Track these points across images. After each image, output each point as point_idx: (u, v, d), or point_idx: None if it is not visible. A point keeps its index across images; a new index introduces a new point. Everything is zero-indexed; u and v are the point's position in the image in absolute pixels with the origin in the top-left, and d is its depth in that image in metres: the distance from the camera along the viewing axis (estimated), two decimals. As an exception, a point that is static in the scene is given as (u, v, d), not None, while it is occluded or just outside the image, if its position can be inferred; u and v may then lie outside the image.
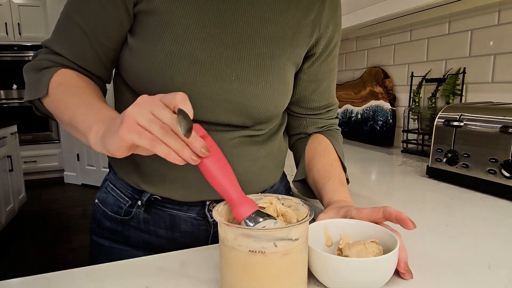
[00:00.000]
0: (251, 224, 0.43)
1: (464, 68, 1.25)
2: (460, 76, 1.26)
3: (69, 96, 0.55)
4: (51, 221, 3.34)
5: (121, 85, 0.66)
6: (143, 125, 0.41)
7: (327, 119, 0.79)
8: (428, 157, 1.03)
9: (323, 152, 0.73)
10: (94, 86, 0.61)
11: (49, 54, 0.60)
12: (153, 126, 0.41)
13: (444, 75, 1.33)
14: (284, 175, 0.82)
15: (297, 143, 0.81)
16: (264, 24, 0.61)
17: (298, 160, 0.79)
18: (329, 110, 0.78)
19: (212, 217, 0.67)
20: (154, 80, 0.57)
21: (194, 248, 0.58)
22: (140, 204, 0.66)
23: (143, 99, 0.42)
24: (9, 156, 3.11)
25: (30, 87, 0.60)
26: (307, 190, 0.76)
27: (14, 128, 3.38)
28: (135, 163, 0.66)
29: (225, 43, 0.58)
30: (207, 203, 0.66)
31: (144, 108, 0.41)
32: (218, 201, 0.67)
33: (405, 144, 1.44)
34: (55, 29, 0.60)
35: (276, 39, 0.62)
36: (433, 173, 1.02)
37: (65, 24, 0.59)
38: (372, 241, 0.47)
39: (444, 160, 0.97)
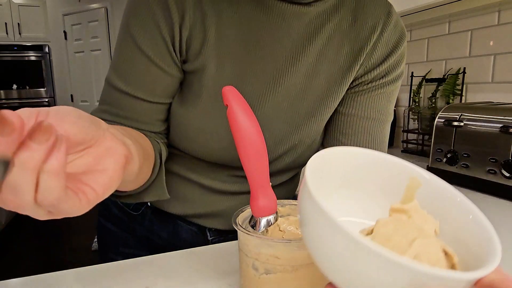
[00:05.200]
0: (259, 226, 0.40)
1: (464, 68, 1.25)
2: (460, 76, 1.26)
3: None
4: (51, 221, 3.28)
5: None
6: None
7: None
8: (428, 157, 1.03)
9: None
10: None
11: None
12: None
13: (444, 75, 1.33)
14: None
15: None
16: (315, 76, 0.52)
17: None
18: None
19: (211, 236, 0.66)
20: (193, 139, 0.53)
21: (195, 248, 0.58)
22: (149, 204, 0.66)
23: None
24: (9, 156, 3.11)
25: None
26: None
27: (14, 128, 3.38)
28: None
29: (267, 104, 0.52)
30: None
31: None
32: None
33: (405, 144, 1.43)
34: (103, 100, 0.53)
35: (325, 94, 0.53)
36: (433, 173, 1.01)
37: (110, 93, 0.51)
38: None
39: (444, 160, 0.97)
